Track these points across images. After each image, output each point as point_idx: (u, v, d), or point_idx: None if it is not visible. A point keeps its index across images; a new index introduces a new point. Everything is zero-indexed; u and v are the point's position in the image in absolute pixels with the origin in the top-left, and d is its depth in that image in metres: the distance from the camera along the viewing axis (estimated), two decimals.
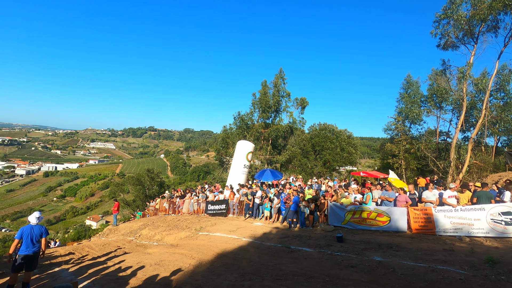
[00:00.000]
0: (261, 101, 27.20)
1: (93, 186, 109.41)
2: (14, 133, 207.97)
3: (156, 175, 37.48)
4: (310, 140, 28.31)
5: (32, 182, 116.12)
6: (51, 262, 9.11)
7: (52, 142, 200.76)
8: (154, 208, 20.04)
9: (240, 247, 8.66)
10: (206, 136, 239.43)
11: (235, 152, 18.51)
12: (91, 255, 9.98)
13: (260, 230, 10.76)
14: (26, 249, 5.74)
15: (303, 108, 29.71)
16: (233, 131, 28.22)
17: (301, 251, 7.85)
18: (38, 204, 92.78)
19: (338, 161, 26.50)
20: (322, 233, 9.72)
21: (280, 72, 28.73)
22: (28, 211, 78.10)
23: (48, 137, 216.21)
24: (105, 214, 70.49)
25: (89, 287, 5.94)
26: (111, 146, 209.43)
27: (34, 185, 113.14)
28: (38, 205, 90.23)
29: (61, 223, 69.05)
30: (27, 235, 5.79)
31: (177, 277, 6.33)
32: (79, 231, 36.08)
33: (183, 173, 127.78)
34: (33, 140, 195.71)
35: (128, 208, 33.54)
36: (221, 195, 15.29)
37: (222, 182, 22.67)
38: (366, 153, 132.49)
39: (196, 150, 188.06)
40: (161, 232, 12.51)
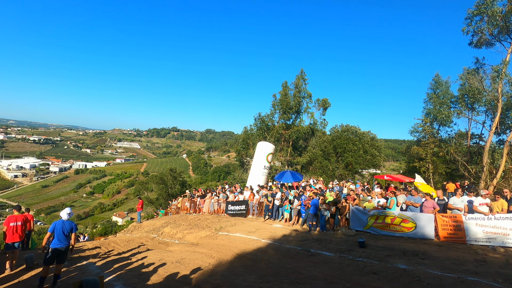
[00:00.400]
0: (281, 102, 27.08)
1: (119, 184, 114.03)
2: (49, 133, 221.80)
3: (178, 174, 38.44)
4: (332, 141, 27.78)
5: (64, 179, 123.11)
6: (80, 255, 9.58)
7: (82, 141, 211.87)
8: (176, 207, 20.53)
9: (259, 249, 8.66)
10: (227, 136, 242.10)
11: (256, 153, 18.56)
12: (117, 250, 10.40)
13: (279, 232, 10.70)
14: (58, 243, 6.07)
15: (325, 109, 29.22)
16: (253, 132, 28.30)
17: (321, 255, 7.72)
18: (69, 199, 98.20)
19: (361, 164, 25.78)
20: (343, 237, 9.49)
21: (301, 73, 28.45)
22: (61, 206, 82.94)
23: (79, 136, 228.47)
24: (130, 211, 73.29)
25: (114, 281, 6.18)
26: (136, 146, 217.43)
27: (66, 182, 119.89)
28: (69, 201, 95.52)
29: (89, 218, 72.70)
30: (59, 229, 6.12)
31: (197, 276, 6.44)
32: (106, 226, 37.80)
33: (204, 173, 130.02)
34: (65, 139, 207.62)
35: (151, 206, 34.64)
36: (240, 196, 15.39)
37: (242, 183, 22.81)
38: (391, 155, 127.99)
39: (217, 151, 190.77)
40: (182, 230, 12.79)
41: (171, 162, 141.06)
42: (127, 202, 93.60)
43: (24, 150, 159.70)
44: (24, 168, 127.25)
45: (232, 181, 31.32)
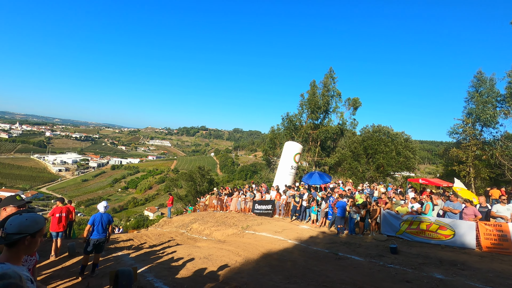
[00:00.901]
0: (309, 102, 26.64)
1: (151, 180, 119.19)
2: (89, 130, 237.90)
3: (206, 172, 39.31)
4: (362, 142, 26.79)
5: (102, 174, 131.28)
6: (116, 246, 10.15)
7: (118, 139, 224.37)
8: (204, 204, 21.02)
9: (286, 249, 8.59)
10: (254, 136, 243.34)
11: (283, 153, 18.45)
12: (148, 243, 10.87)
13: (306, 233, 10.54)
14: (97, 234, 6.49)
15: (355, 108, 28.29)
16: (280, 131, 28.15)
17: (350, 259, 7.48)
18: (106, 193, 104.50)
19: (393, 166, 24.57)
20: (373, 242, 9.13)
21: (330, 71, 27.78)
22: (98, 199, 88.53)
23: (115, 134, 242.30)
24: (160, 206, 76.30)
25: (146, 273, 6.47)
26: (167, 144, 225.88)
27: (103, 177, 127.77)
28: (106, 195, 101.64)
29: (123, 212, 76.85)
30: (98, 222, 6.55)
31: (224, 273, 6.54)
32: (138, 220, 39.67)
33: (231, 171, 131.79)
34: (103, 137, 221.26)
35: (180, 202, 35.80)
36: (267, 195, 15.38)
37: (268, 182, 22.80)
38: (426, 158, 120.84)
39: (244, 150, 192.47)
40: (210, 227, 13.06)
41: (200, 160, 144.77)
42: (158, 197, 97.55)
43: (67, 146, 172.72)
44: (67, 163, 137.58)
45: (259, 180, 31.44)
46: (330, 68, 27.88)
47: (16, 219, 1.71)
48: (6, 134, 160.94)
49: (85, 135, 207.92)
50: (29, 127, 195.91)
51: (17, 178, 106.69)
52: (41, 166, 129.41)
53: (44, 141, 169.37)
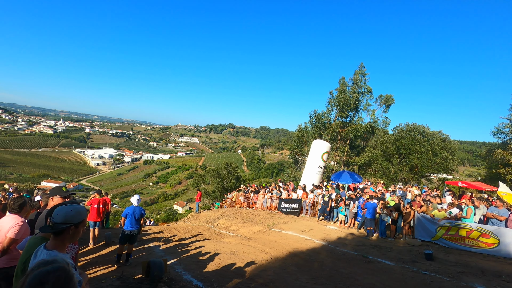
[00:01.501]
0: (338, 99, 25.89)
1: (180, 175, 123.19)
2: (124, 127, 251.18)
3: (233, 169, 39.84)
4: (395, 142, 25.54)
5: (135, 168, 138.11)
6: (147, 238, 10.64)
7: (150, 135, 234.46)
8: (231, 200, 21.33)
9: (312, 249, 8.46)
10: (281, 134, 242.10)
11: (310, 152, 18.14)
12: (178, 236, 11.26)
13: (334, 234, 10.31)
14: (130, 226, 6.85)
15: (388, 106, 27.03)
16: (308, 130, 27.69)
17: (380, 263, 7.19)
18: (138, 187, 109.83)
19: (429, 167, 23.13)
20: (406, 246, 8.70)
21: (361, 68, 26.75)
22: (131, 192, 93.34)
23: (147, 131, 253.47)
24: (188, 201, 78.69)
25: (175, 265, 6.70)
26: (195, 141, 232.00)
27: (136, 171, 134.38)
28: (138, 188, 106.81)
29: (154, 205, 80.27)
30: (131, 214, 6.90)
31: (250, 269, 6.58)
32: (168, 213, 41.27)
33: (258, 169, 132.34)
34: (137, 133, 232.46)
35: (208, 198, 36.66)
36: (294, 194, 15.24)
37: (295, 181, 22.57)
38: (467, 159, 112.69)
39: (271, 148, 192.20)
40: (236, 223, 13.23)
41: (227, 157, 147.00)
42: (187, 192, 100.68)
43: (104, 142, 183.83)
44: (104, 158, 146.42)
45: (285, 178, 31.27)
46: (361, 64, 26.86)
47: (62, 210, 1.84)
48: (51, 130, 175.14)
49: (120, 131, 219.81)
50: (71, 124, 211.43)
51: (61, 170, 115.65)
52: (81, 159, 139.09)
53: (84, 136, 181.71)
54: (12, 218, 3.32)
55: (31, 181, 74.21)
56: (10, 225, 3.22)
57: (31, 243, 2.20)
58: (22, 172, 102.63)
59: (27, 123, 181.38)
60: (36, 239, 2.21)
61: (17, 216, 3.34)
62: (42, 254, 1.75)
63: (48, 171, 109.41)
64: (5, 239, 3.19)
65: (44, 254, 1.74)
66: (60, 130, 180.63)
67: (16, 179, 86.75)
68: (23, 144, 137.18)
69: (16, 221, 3.26)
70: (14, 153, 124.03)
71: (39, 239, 2.19)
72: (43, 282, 1.05)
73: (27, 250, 2.16)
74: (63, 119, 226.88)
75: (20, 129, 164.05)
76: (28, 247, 2.17)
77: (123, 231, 6.85)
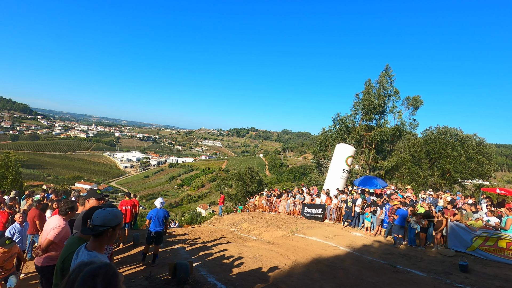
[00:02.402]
0: (364, 102, 25.22)
1: (204, 179, 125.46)
2: (150, 131, 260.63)
3: (255, 173, 39.98)
4: (425, 145, 24.36)
5: (160, 171, 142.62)
6: (173, 239, 10.92)
7: (175, 139, 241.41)
8: (253, 204, 21.38)
9: (337, 256, 8.27)
10: (304, 137, 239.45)
11: (334, 156, 17.79)
12: (201, 239, 11.46)
13: (359, 241, 10.00)
14: (154, 228, 7.08)
15: (416, 108, 25.93)
16: (331, 133, 27.19)
17: (410, 273, 6.87)
18: (164, 189, 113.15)
19: (463, 173, 21.79)
20: (438, 256, 8.25)
21: (387, 69, 25.92)
22: (157, 194, 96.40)
23: (172, 135, 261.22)
24: (211, 204, 79.88)
25: (200, 267, 6.82)
26: (218, 144, 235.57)
27: (162, 174, 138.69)
28: (164, 191, 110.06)
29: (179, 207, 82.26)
30: (155, 216, 7.14)
31: (273, 274, 6.56)
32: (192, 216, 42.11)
33: (280, 173, 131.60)
34: (162, 137, 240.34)
35: (230, 201, 36.99)
36: (317, 199, 14.99)
37: (319, 185, 22.22)
38: (505, 164, 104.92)
39: (293, 151, 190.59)
40: (259, 228, 13.23)
41: (249, 161, 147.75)
42: (210, 195, 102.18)
43: (132, 146, 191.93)
44: (132, 161, 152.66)
45: (308, 182, 30.80)
46: (387, 65, 26.04)
47: (101, 213, 1.97)
48: (85, 134, 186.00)
49: (147, 136, 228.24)
50: (102, 128, 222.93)
51: (92, 172, 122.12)
52: (111, 162, 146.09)
53: (114, 140, 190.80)
54: (56, 220, 3.57)
55: (66, 183, 78.82)
56: (51, 226, 3.47)
57: (69, 242, 2.37)
58: (58, 174, 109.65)
59: (63, 128, 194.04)
60: (74, 239, 2.38)
61: (61, 218, 3.58)
62: (83, 255, 1.88)
63: (81, 173, 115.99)
64: (46, 239, 3.44)
65: (85, 254, 1.87)
66: (92, 135, 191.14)
67: (53, 180, 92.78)
68: (59, 148, 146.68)
69: (57, 224, 3.50)
70: (52, 156, 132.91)
71: (77, 239, 2.36)
72: (94, 275, 1.19)
73: (66, 248, 2.32)
74: (95, 124, 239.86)
75: (57, 133, 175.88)
76: (67, 246, 2.33)
77: (149, 232, 7.12)
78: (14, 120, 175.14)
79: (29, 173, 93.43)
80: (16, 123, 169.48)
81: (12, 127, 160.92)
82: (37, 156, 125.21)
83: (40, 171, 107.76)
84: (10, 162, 23.46)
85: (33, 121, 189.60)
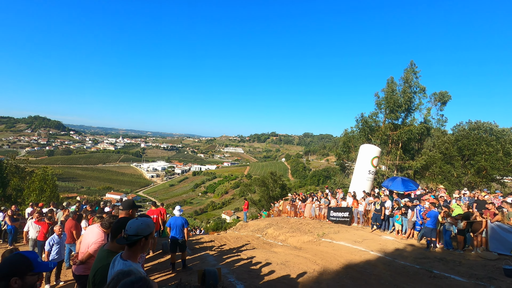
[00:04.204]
0: (388, 100, 24.40)
1: (227, 185, 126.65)
2: (173, 141, 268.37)
3: (278, 177, 39.71)
4: (456, 142, 23.05)
5: (185, 179, 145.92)
6: (200, 246, 11.08)
7: (197, 147, 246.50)
8: (278, 209, 21.22)
9: (368, 261, 7.97)
10: (326, 140, 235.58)
11: (358, 157, 17.32)
12: (228, 246, 11.51)
13: (390, 245, 9.60)
14: (174, 235, 7.20)
15: (444, 104, 24.75)
16: (355, 134, 26.51)
17: (449, 279, 6.47)
18: (189, 197, 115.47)
19: (501, 169, 20.33)
20: (479, 260, 7.71)
21: (411, 65, 24.96)
22: (183, 202, 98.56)
23: (195, 143, 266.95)
24: (236, 210, 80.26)
25: (227, 274, 6.84)
26: (240, 151, 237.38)
27: (186, 182, 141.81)
28: (189, 198, 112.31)
29: (204, 214, 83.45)
30: (173, 224, 7.27)
31: (302, 280, 6.44)
32: (217, 223, 42.52)
33: (303, 176, 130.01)
34: (185, 146, 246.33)
35: (254, 207, 36.95)
36: (343, 202, 14.62)
37: (344, 188, 21.66)
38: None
39: (316, 154, 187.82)
40: (284, 233, 13.09)
41: (271, 166, 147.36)
42: (234, 201, 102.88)
43: (157, 155, 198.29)
44: (157, 170, 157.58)
45: (333, 186, 30.17)
46: (411, 61, 25.07)
47: (134, 223, 2.04)
48: (113, 146, 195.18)
49: (171, 145, 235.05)
50: (128, 140, 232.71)
51: (121, 183, 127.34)
52: (138, 173, 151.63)
53: (140, 151, 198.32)
54: (97, 234, 3.67)
55: (98, 193, 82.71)
56: (93, 240, 3.58)
57: (99, 256, 2.45)
58: (90, 185, 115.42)
59: (93, 141, 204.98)
60: (104, 252, 2.46)
61: (102, 232, 3.69)
62: (119, 264, 1.95)
63: (111, 184, 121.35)
64: (86, 252, 3.58)
65: (121, 264, 1.94)
66: (120, 147, 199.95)
67: (85, 192, 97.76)
68: (90, 161, 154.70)
69: (98, 238, 3.60)
70: (83, 168, 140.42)
71: (106, 252, 2.44)
72: None
73: (97, 261, 2.41)
74: (122, 137, 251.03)
75: (87, 147, 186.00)
76: (98, 259, 2.42)
77: (170, 240, 7.26)
78: (49, 136, 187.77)
79: (64, 186, 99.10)
80: (51, 139, 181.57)
81: (48, 143, 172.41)
82: (71, 169, 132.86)
83: (74, 183, 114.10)
84: (47, 176, 25.05)
85: (66, 136, 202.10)
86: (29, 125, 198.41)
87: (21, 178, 27.41)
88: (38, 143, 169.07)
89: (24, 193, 23.14)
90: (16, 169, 28.90)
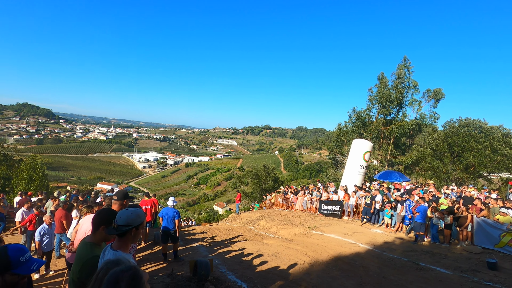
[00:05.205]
0: (380, 96, 24.57)
1: (220, 177, 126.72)
2: (166, 131, 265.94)
3: (271, 170, 39.88)
4: (446, 139, 23.47)
5: (177, 171, 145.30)
6: (192, 238, 11.11)
7: (190, 138, 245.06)
8: (270, 202, 21.38)
9: (357, 253, 8.14)
10: (319, 134, 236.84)
11: (351, 151, 17.47)
12: (219, 237, 11.58)
13: (379, 238, 9.80)
14: (166, 225, 7.21)
15: (437, 101, 25.01)
16: (347, 128, 26.71)
17: (435, 271, 6.66)
18: (181, 188, 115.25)
19: (488, 166, 20.84)
20: (464, 253, 7.96)
21: (404, 61, 25.11)
22: (175, 193, 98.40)
23: (188, 134, 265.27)
24: (228, 202, 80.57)
25: (219, 265, 6.90)
26: (233, 143, 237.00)
27: (178, 173, 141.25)
28: (181, 190, 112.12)
29: (196, 206, 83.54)
30: (165, 215, 7.27)
31: (292, 272, 6.54)
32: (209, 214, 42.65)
33: (296, 170, 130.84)
34: (178, 137, 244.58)
35: (247, 199, 37.15)
36: (335, 196, 14.80)
37: (335, 182, 21.91)
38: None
39: (309, 148, 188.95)
40: (276, 225, 13.22)
41: (264, 159, 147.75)
42: (226, 193, 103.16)
43: (149, 146, 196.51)
44: (149, 161, 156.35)
45: (325, 179, 30.50)
46: (405, 57, 25.20)
47: (124, 213, 2.02)
48: (104, 136, 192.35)
49: (164, 136, 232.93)
50: (120, 130, 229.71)
51: (113, 173, 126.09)
52: (130, 163, 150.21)
53: (132, 141, 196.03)
54: None
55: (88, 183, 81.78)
56: (89, 229, 3.54)
57: (82, 250, 2.35)
58: (81, 175, 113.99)
59: (84, 131, 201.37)
60: (86, 245, 2.36)
61: None
62: (109, 254, 1.94)
63: (102, 174, 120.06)
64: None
65: (111, 254, 1.93)
66: (111, 136, 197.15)
67: (76, 181, 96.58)
68: (81, 150, 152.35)
69: None
70: (74, 158, 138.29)
71: (89, 244, 2.35)
72: (118, 280, 1.18)
73: (81, 255, 2.28)
74: (113, 126, 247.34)
75: (78, 136, 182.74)
76: (80, 255, 2.27)
77: (161, 230, 7.29)
78: (38, 124, 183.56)
79: (54, 175, 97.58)
80: (40, 128, 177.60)
81: (37, 131, 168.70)
82: (61, 158, 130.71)
83: (64, 172, 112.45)
84: (37, 165, 24.59)
85: (56, 125, 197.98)
86: (17, 113, 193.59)
87: (9, 167, 26.82)
88: (26, 131, 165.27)
89: (13, 181, 22.69)
90: (4, 157, 28.25)
